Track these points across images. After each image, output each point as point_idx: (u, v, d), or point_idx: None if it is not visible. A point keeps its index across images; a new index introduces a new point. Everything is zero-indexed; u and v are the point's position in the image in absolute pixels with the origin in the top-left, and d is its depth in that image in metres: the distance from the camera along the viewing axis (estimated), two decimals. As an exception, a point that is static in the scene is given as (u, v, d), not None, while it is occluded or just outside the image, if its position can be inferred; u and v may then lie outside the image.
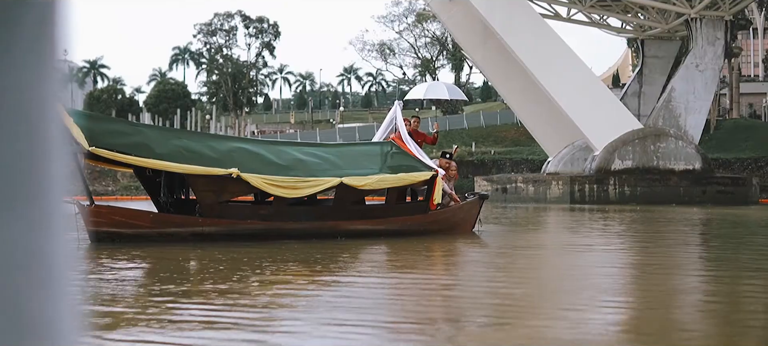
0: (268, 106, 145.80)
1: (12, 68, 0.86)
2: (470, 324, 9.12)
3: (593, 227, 28.68)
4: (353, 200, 21.07)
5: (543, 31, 56.03)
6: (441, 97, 26.24)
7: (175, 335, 8.08)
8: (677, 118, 57.55)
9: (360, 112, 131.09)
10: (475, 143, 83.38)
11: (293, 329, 8.52)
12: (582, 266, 15.74)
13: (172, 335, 8.13)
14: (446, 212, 22.02)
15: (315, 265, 14.80)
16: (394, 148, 21.49)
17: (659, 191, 53.53)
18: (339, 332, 8.34)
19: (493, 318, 9.43)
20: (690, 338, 8.44)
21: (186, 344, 7.70)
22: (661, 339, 8.30)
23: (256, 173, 19.50)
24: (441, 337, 8.35)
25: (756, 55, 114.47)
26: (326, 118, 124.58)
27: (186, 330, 8.40)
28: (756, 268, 15.30)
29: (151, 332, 8.19)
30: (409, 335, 8.47)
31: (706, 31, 57.74)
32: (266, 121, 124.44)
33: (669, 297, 11.24)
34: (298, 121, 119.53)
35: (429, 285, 12.65)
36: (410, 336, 8.40)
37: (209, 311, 9.43)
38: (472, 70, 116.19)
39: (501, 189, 58.16)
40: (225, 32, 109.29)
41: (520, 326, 8.93)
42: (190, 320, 8.97)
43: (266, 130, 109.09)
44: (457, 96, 26.26)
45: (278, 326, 8.74)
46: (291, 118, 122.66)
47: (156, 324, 8.69)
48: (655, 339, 8.27)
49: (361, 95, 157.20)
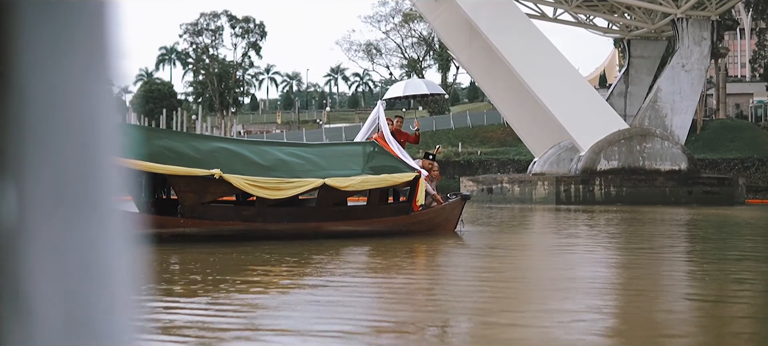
0: (255, 107, 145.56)
1: (65, 67, 0.86)
2: (443, 327, 9.02)
3: (577, 228, 28.60)
4: (336, 200, 20.97)
5: (529, 31, 55.98)
6: (419, 93, 26.07)
7: (152, 339, 7.95)
8: (663, 118, 57.57)
9: (346, 112, 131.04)
10: (462, 144, 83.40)
11: (274, 330, 8.41)
12: (559, 267, 15.64)
13: (148, 337, 8.00)
14: (428, 213, 21.95)
15: (295, 266, 14.68)
16: (377, 149, 21.39)
17: (645, 192, 53.52)
18: (319, 336, 8.24)
19: (467, 319, 9.33)
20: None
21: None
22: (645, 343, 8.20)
23: (238, 173, 19.36)
24: (415, 339, 8.25)
25: (743, 55, 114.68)
26: (313, 118, 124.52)
27: (163, 333, 8.28)
28: (740, 258, 15.24)
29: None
30: (388, 336, 8.37)
31: (692, 31, 57.77)
32: (253, 121, 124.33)
33: (649, 301, 11.16)
34: (284, 122, 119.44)
35: (405, 287, 12.54)
36: (389, 338, 8.30)
37: (187, 313, 9.31)
38: (459, 70, 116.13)
39: (487, 190, 58.10)
40: (211, 32, 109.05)
41: (496, 328, 8.83)
42: (168, 324, 8.85)
43: (252, 130, 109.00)
44: (436, 90, 26.16)
45: (258, 329, 8.63)
46: (277, 118, 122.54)
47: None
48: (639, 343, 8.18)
49: (348, 96, 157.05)
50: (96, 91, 0.89)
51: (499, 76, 59.65)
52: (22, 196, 0.83)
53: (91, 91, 0.88)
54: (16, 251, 0.83)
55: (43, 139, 0.85)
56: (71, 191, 0.86)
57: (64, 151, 0.86)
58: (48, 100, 0.85)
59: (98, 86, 0.89)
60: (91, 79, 0.88)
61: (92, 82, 0.88)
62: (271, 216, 20.09)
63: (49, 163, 0.85)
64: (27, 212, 0.83)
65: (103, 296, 0.88)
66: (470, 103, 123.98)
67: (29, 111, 0.83)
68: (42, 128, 0.85)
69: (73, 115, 0.87)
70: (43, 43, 0.85)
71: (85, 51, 0.88)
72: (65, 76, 0.86)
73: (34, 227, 0.84)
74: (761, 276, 14.23)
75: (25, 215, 0.83)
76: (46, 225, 0.84)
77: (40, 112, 0.84)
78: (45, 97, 0.85)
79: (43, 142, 0.85)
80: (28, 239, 0.83)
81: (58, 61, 0.86)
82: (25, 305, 0.82)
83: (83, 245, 0.87)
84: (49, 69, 0.85)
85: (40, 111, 0.84)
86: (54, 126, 0.85)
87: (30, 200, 0.84)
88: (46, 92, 0.85)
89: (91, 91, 0.88)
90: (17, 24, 0.84)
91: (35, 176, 0.84)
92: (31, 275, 0.83)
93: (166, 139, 20.25)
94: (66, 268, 0.85)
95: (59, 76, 0.86)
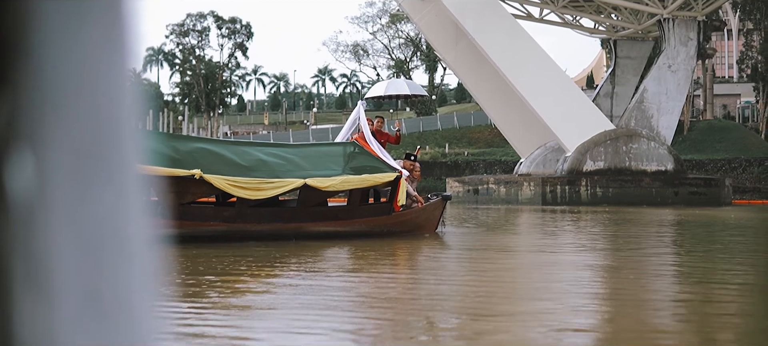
0: (243, 108, 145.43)
1: (85, 42, 0.86)
2: (424, 328, 8.92)
3: (562, 228, 28.51)
4: (317, 201, 20.88)
5: (515, 31, 55.90)
6: (401, 93, 26.11)
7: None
8: (649, 119, 57.56)
9: (334, 113, 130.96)
10: (449, 144, 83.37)
11: (253, 331, 8.34)
12: (540, 268, 15.55)
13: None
14: (409, 214, 21.88)
15: (275, 267, 14.58)
16: (357, 149, 21.31)
17: (631, 192, 53.47)
18: (297, 337, 8.17)
19: (448, 321, 9.23)
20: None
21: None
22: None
23: (218, 174, 19.22)
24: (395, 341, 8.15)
25: (730, 56, 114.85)
26: (300, 119, 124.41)
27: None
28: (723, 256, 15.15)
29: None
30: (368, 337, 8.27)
31: (678, 31, 57.75)
32: (240, 122, 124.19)
33: (636, 302, 11.06)
34: (272, 123, 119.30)
35: (384, 290, 12.43)
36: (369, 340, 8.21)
37: (166, 316, 9.15)
38: (446, 71, 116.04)
39: (473, 191, 58.00)
40: (197, 33, 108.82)
41: (474, 330, 8.73)
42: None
43: (239, 131, 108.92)
44: (417, 91, 26.20)
45: (238, 329, 8.53)
46: (265, 119, 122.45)
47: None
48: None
49: (336, 97, 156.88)
50: (115, 64, 0.88)
51: (485, 77, 59.60)
52: (41, 165, 0.83)
53: (111, 63, 0.88)
54: (35, 222, 0.82)
55: (62, 108, 0.84)
56: (91, 160, 0.86)
57: (83, 119, 0.86)
58: (66, 69, 0.84)
59: (117, 59, 0.89)
60: (110, 52, 0.88)
61: (111, 55, 0.88)
62: (251, 217, 19.98)
63: (69, 132, 0.84)
64: (46, 182, 0.83)
65: (124, 269, 0.87)
66: (458, 104, 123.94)
67: (47, 79, 0.83)
68: (61, 96, 0.84)
69: (94, 85, 0.87)
70: (62, 14, 0.84)
71: (104, 24, 0.87)
72: (84, 49, 0.86)
73: (54, 197, 0.83)
74: (745, 276, 14.15)
75: (44, 184, 0.82)
76: (66, 195, 0.84)
77: (58, 80, 0.84)
78: (64, 66, 0.84)
79: (62, 110, 0.84)
80: (48, 209, 0.83)
81: (77, 34, 0.85)
82: (43, 279, 0.82)
83: (103, 215, 0.86)
84: (69, 40, 0.85)
85: (59, 79, 0.84)
86: (73, 94, 0.85)
87: (49, 169, 0.83)
88: (65, 64, 0.84)
89: (110, 63, 0.88)
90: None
91: (55, 145, 0.84)
92: (50, 247, 0.82)
93: (145, 138, 20.07)
94: (86, 239, 0.84)
95: (78, 50, 0.85)
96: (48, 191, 0.82)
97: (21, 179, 0.82)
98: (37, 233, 0.82)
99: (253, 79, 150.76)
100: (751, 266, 16.21)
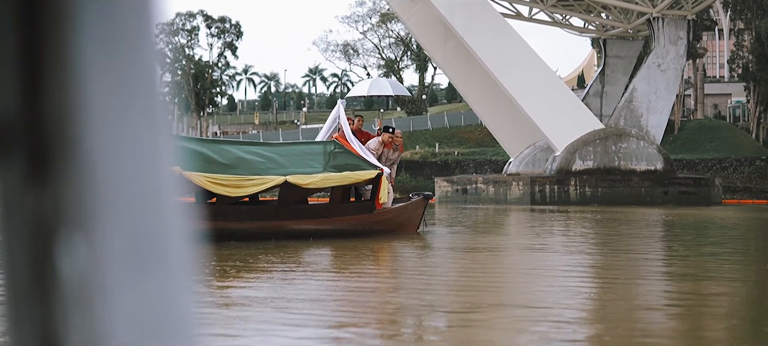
0: (233, 108, 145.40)
1: (113, 40, 0.85)
2: (407, 326, 8.75)
3: (549, 228, 28.38)
4: (297, 199, 20.85)
5: (504, 30, 55.75)
6: (384, 93, 26.10)
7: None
8: (639, 118, 57.42)
9: (324, 112, 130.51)
10: (439, 144, 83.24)
11: (233, 330, 8.23)
12: (524, 268, 15.39)
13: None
14: (391, 212, 21.85)
15: (258, 265, 14.45)
16: (338, 147, 21.23)
17: (620, 192, 53.34)
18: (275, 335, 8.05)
19: (431, 319, 9.06)
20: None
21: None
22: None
23: (198, 171, 19.11)
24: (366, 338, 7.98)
25: (721, 56, 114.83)
26: (291, 119, 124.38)
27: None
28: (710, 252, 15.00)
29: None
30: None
31: (668, 30, 57.59)
32: (231, 122, 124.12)
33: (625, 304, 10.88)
34: (262, 122, 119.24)
35: (365, 288, 12.28)
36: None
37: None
38: (437, 70, 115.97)
39: (461, 190, 57.82)
40: (187, 32, 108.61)
41: (461, 328, 8.57)
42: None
43: (229, 130, 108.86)
44: (400, 92, 26.22)
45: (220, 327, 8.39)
46: (255, 119, 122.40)
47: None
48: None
49: (327, 96, 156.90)
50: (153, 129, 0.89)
51: (475, 76, 59.42)
52: (93, 248, 0.80)
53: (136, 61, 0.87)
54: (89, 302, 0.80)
55: (111, 192, 0.82)
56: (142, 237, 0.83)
57: (132, 200, 0.83)
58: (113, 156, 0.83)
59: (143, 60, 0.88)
60: (136, 49, 0.87)
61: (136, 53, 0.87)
62: (232, 215, 19.92)
63: (119, 214, 0.82)
64: (99, 262, 0.80)
65: (162, 285, 0.84)
66: (448, 104, 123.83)
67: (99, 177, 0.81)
68: (109, 182, 0.82)
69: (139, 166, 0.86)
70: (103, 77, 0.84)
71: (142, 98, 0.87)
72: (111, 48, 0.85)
73: (108, 278, 0.81)
74: (735, 276, 14.05)
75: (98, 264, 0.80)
76: (120, 276, 0.81)
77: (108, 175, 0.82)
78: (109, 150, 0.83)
79: (111, 194, 0.81)
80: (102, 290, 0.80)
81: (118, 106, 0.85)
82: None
83: (159, 296, 0.83)
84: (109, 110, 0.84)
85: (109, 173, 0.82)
86: (120, 176, 0.83)
87: (101, 250, 0.80)
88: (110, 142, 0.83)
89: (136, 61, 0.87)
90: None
91: (105, 228, 0.81)
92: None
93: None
94: (121, 255, 0.82)
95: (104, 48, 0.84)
96: (101, 270, 0.80)
97: (73, 261, 0.79)
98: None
99: (243, 79, 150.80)
100: (739, 264, 16.11)
